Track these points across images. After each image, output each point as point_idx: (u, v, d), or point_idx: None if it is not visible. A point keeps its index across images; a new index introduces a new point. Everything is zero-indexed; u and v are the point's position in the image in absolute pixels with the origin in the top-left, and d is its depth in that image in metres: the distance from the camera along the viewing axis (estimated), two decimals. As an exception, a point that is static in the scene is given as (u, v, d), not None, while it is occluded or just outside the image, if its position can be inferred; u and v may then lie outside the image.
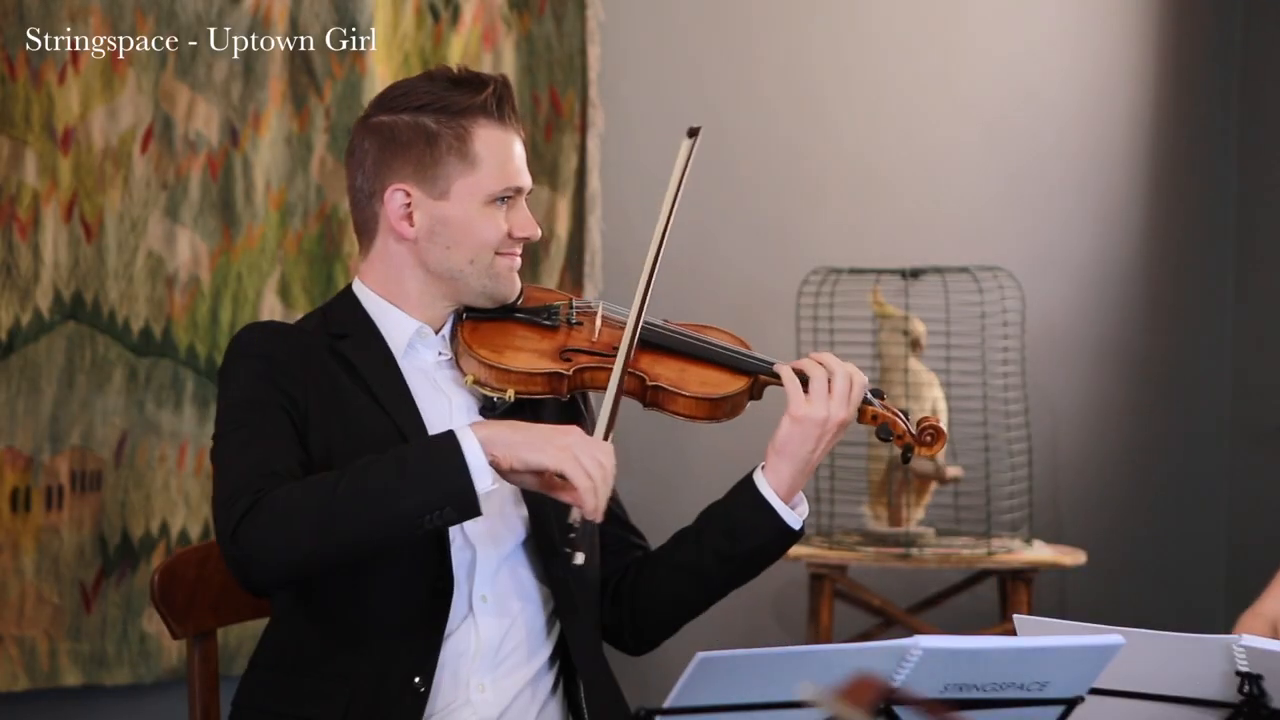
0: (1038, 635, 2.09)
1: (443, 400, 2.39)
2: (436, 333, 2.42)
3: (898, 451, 2.66)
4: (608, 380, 2.35)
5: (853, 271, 4.12)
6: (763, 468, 2.41)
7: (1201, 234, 5.02)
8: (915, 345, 4.09)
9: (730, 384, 2.41)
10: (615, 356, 2.37)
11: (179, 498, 3.52)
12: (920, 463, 4.09)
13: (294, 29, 3.63)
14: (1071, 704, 1.87)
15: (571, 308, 2.47)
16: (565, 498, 2.22)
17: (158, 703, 3.53)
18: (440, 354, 2.42)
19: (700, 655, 1.72)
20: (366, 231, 2.43)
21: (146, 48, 3.47)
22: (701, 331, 2.49)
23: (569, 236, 4.00)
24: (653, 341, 2.43)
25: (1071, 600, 4.74)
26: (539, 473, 2.21)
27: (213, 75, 3.54)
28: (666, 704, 1.74)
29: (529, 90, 3.94)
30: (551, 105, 3.97)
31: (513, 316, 2.45)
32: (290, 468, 2.25)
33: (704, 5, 4.27)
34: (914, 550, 4.00)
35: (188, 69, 3.51)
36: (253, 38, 3.58)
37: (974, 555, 4.02)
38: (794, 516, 2.40)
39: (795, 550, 3.97)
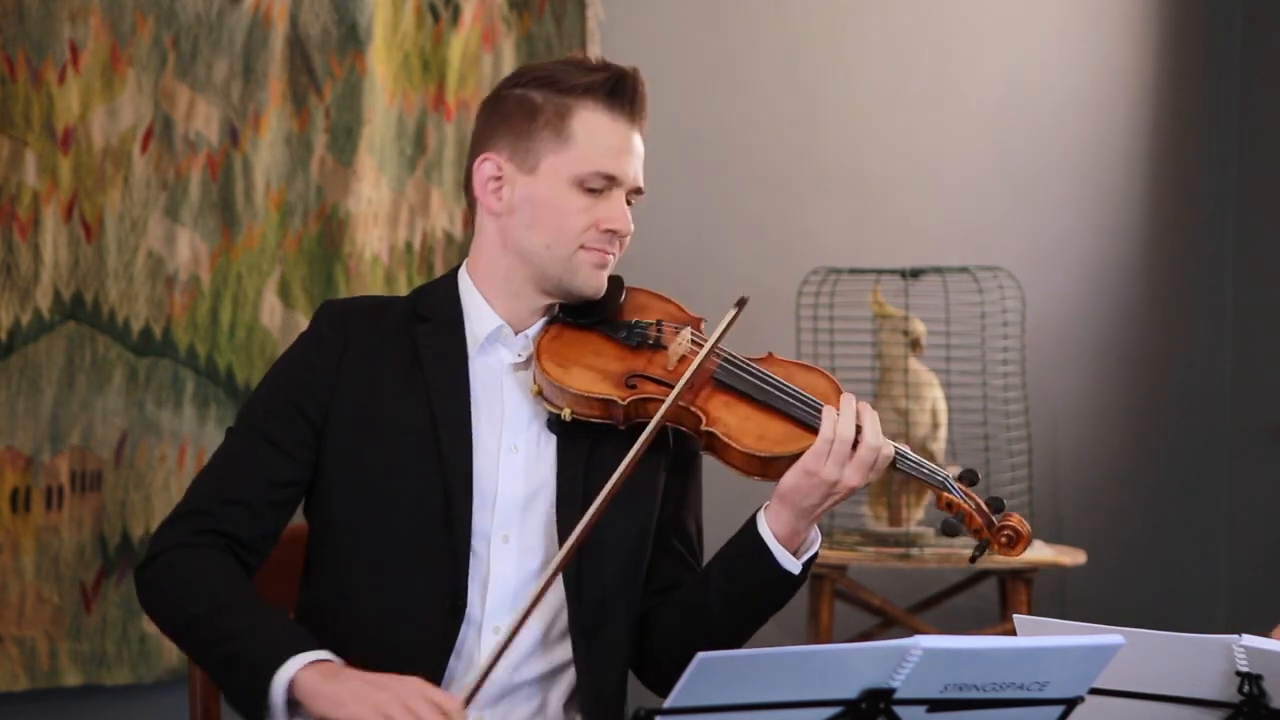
0: (1038, 635, 2.09)
1: (497, 408, 2.32)
2: (518, 332, 2.34)
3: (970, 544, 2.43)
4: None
5: (853, 271, 4.12)
6: (767, 507, 2.28)
7: (1201, 234, 5.02)
8: (915, 345, 4.09)
9: (790, 443, 2.24)
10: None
11: (179, 498, 3.52)
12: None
13: (294, 29, 3.63)
14: (1071, 704, 1.87)
15: (659, 328, 2.34)
16: None
17: (158, 703, 3.52)
18: (520, 355, 2.34)
19: (700, 655, 1.72)
20: (471, 208, 2.38)
21: (145, 49, 3.47)
22: (792, 373, 2.31)
23: (569, 236, 4.00)
24: (722, 380, 2.29)
25: (1071, 600, 4.74)
26: None
27: (213, 75, 3.54)
28: (666, 704, 1.74)
29: (529, 90, 3.94)
30: (551, 105, 3.97)
31: (600, 328, 2.33)
32: (250, 500, 2.27)
33: (704, 5, 4.27)
34: (914, 550, 4.00)
35: (188, 69, 3.51)
36: (253, 38, 3.58)
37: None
38: (792, 561, 2.27)
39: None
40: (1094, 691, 1.93)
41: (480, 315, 2.34)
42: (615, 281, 2.38)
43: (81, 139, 3.41)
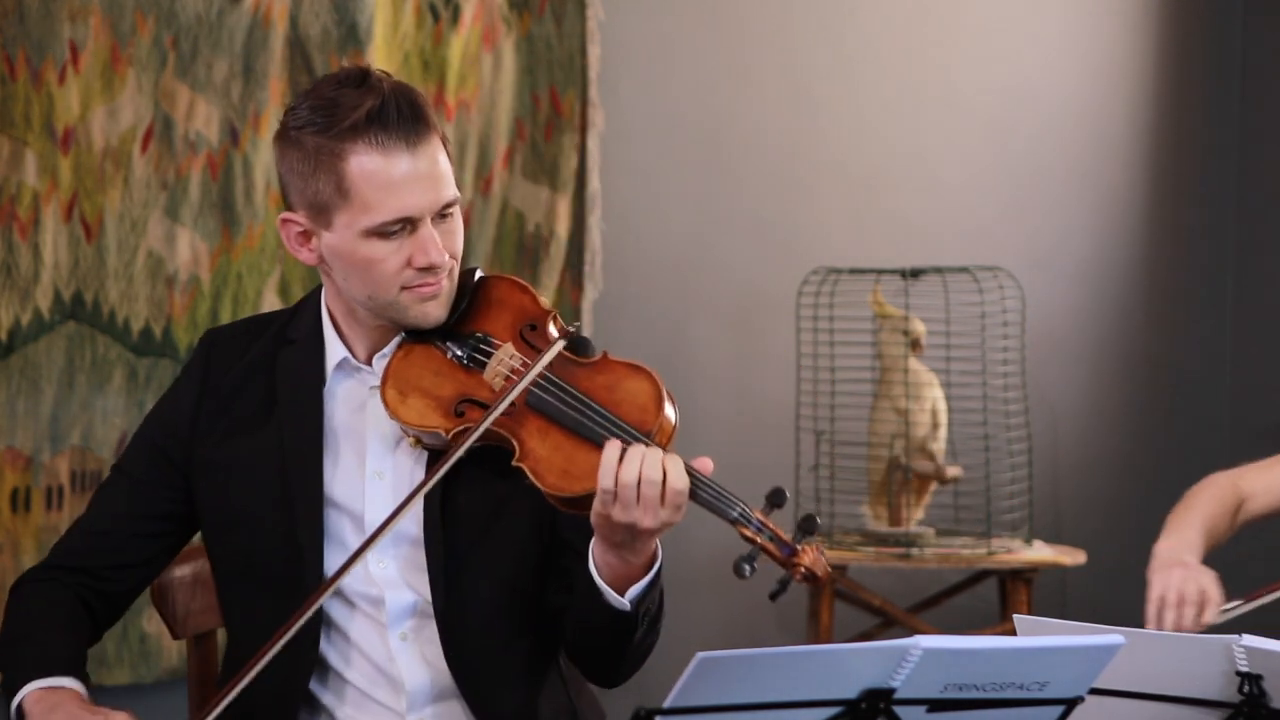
0: (1038, 635, 2.09)
1: (358, 434, 2.25)
2: (372, 357, 2.25)
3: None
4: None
5: (853, 271, 4.12)
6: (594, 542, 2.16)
7: (1201, 234, 5.02)
8: (915, 345, 4.09)
9: (594, 477, 2.10)
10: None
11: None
12: (920, 463, 4.09)
13: (294, 29, 3.63)
14: (1071, 704, 1.87)
15: (488, 344, 2.22)
16: None
17: (158, 703, 3.52)
18: (377, 378, 2.24)
19: (700, 655, 1.71)
20: None
21: (145, 49, 3.47)
22: (619, 379, 2.18)
23: (569, 236, 4.00)
24: (534, 404, 2.17)
25: (1071, 600, 4.74)
26: None
27: (213, 75, 3.54)
28: (666, 704, 1.74)
29: (529, 90, 3.94)
30: (551, 105, 3.97)
31: (442, 342, 2.23)
32: (110, 529, 2.29)
33: (704, 5, 4.27)
34: (914, 550, 4.00)
35: (188, 69, 3.51)
36: (253, 38, 3.58)
37: (974, 555, 4.02)
38: (618, 599, 2.13)
39: (795, 550, 3.97)
40: (1094, 691, 1.93)
41: (332, 345, 2.27)
42: (466, 276, 2.26)
43: (81, 139, 3.41)
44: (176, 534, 2.34)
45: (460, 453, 2.13)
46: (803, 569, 2.09)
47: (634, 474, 2.08)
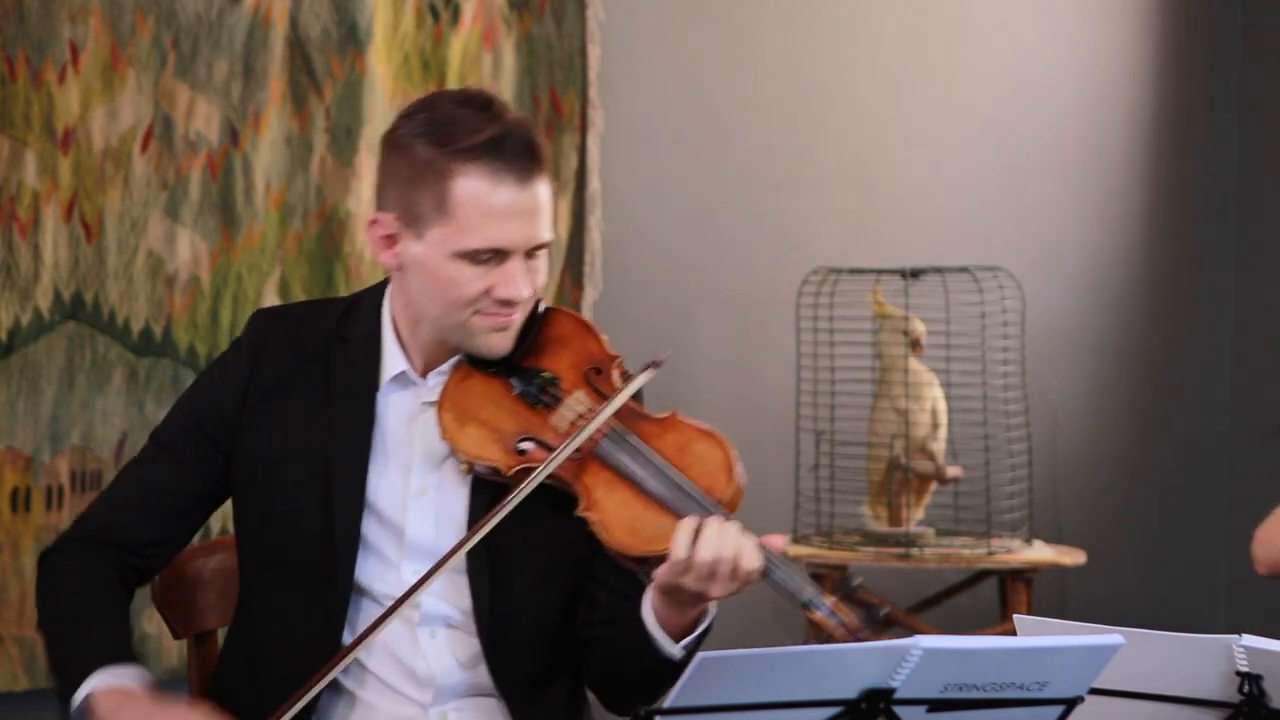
0: (1038, 635, 2.09)
1: (406, 449, 2.24)
2: (429, 372, 2.24)
3: None
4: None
5: (853, 271, 4.12)
6: (649, 594, 2.16)
7: (1201, 234, 5.02)
8: (915, 345, 4.09)
9: (661, 541, 2.10)
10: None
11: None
12: (920, 463, 4.09)
13: (294, 29, 3.63)
14: (1071, 704, 1.87)
15: (555, 386, 2.21)
16: None
17: (158, 703, 3.52)
18: (432, 394, 2.23)
19: (700, 655, 1.71)
20: None
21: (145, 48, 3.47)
22: (689, 442, 2.17)
23: (569, 237, 4.00)
24: (603, 456, 2.16)
25: (1071, 600, 4.74)
26: None
27: (213, 75, 3.54)
28: (666, 704, 1.74)
29: (529, 90, 3.94)
30: (551, 105, 3.97)
31: (503, 375, 2.22)
32: (144, 505, 2.26)
33: (704, 5, 4.27)
34: (914, 550, 4.00)
35: (188, 69, 3.51)
36: (253, 38, 3.58)
37: (974, 555, 4.02)
38: (672, 646, 2.15)
39: (795, 550, 3.97)
40: (1094, 691, 1.93)
41: (391, 354, 2.25)
42: (533, 309, 2.26)
43: (81, 139, 3.41)
44: (206, 515, 2.32)
45: (523, 493, 2.12)
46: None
47: (710, 554, 2.07)
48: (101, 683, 2.13)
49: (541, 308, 2.28)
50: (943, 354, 4.14)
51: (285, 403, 2.26)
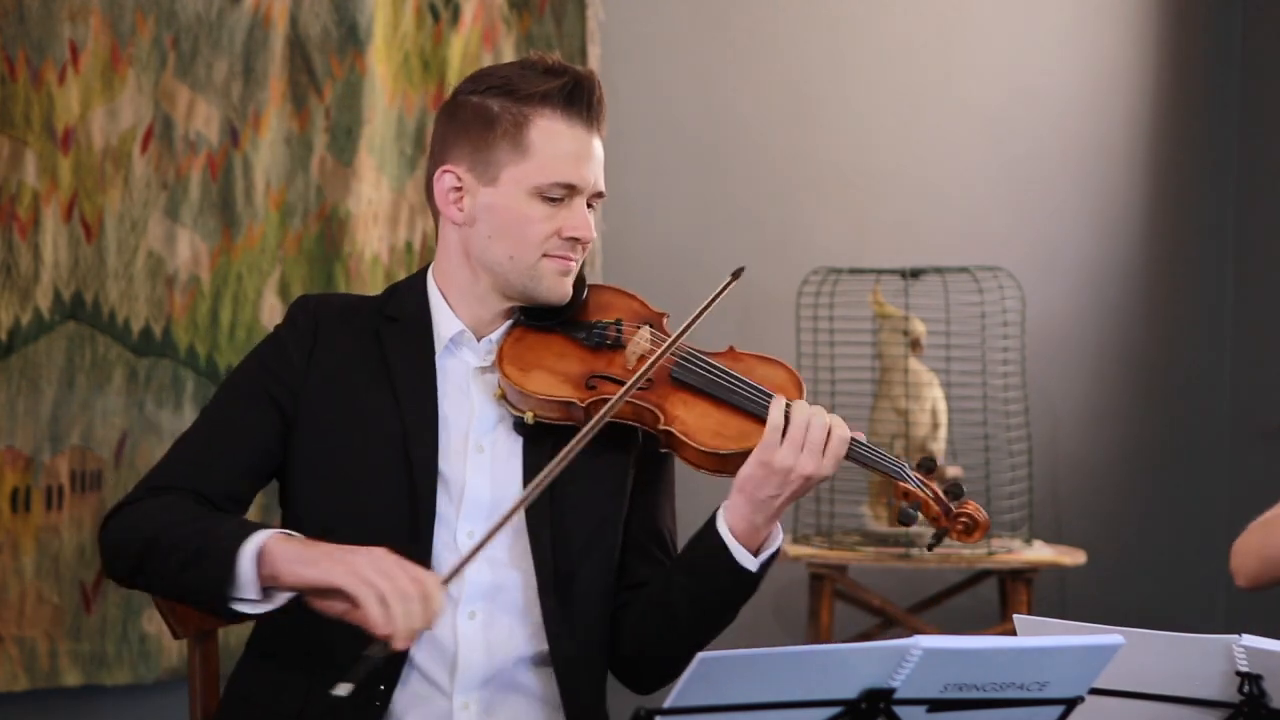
0: (1038, 635, 2.09)
1: (466, 409, 2.32)
2: (481, 338, 2.34)
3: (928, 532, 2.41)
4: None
5: (853, 271, 4.13)
6: (726, 503, 2.26)
7: (1201, 234, 5.02)
8: (915, 345, 4.09)
9: (746, 438, 2.23)
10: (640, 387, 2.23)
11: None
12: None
13: (294, 29, 3.63)
14: (1071, 704, 1.87)
15: (618, 328, 2.34)
16: (365, 624, 2.06)
17: (158, 703, 3.53)
18: (485, 359, 2.34)
19: (700, 655, 1.72)
20: (434, 215, 2.38)
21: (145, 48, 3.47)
22: (752, 367, 2.32)
23: (569, 236, 4.00)
24: (679, 378, 2.30)
25: (1071, 600, 4.74)
26: (339, 591, 2.06)
27: (213, 75, 3.54)
28: (666, 704, 1.74)
29: (529, 90, 3.94)
30: (551, 105, 3.97)
31: (560, 329, 2.33)
32: (213, 462, 2.26)
33: (704, 5, 4.27)
34: (914, 550, 4.00)
35: (188, 69, 3.51)
36: (253, 38, 3.58)
37: (974, 555, 4.02)
38: (749, 558, 2.24)
39: (795, 550, 3.97)
40: (1094, 691, 1.93)
41: (443, 318, 2.34)
42: (577, 281, 2.37)
43: (81, 139, 3.41)
44: (266, 479, 2.34)
45: (602, 421, 2.18)
46: (964, 517, 2.23)
47: (806, 415, 2.20)
48: (269, 534, 2.13)
49: (587, 282, 2.39)
50: (943, 354, 4.14)
51: (348, 378, 2.31)
